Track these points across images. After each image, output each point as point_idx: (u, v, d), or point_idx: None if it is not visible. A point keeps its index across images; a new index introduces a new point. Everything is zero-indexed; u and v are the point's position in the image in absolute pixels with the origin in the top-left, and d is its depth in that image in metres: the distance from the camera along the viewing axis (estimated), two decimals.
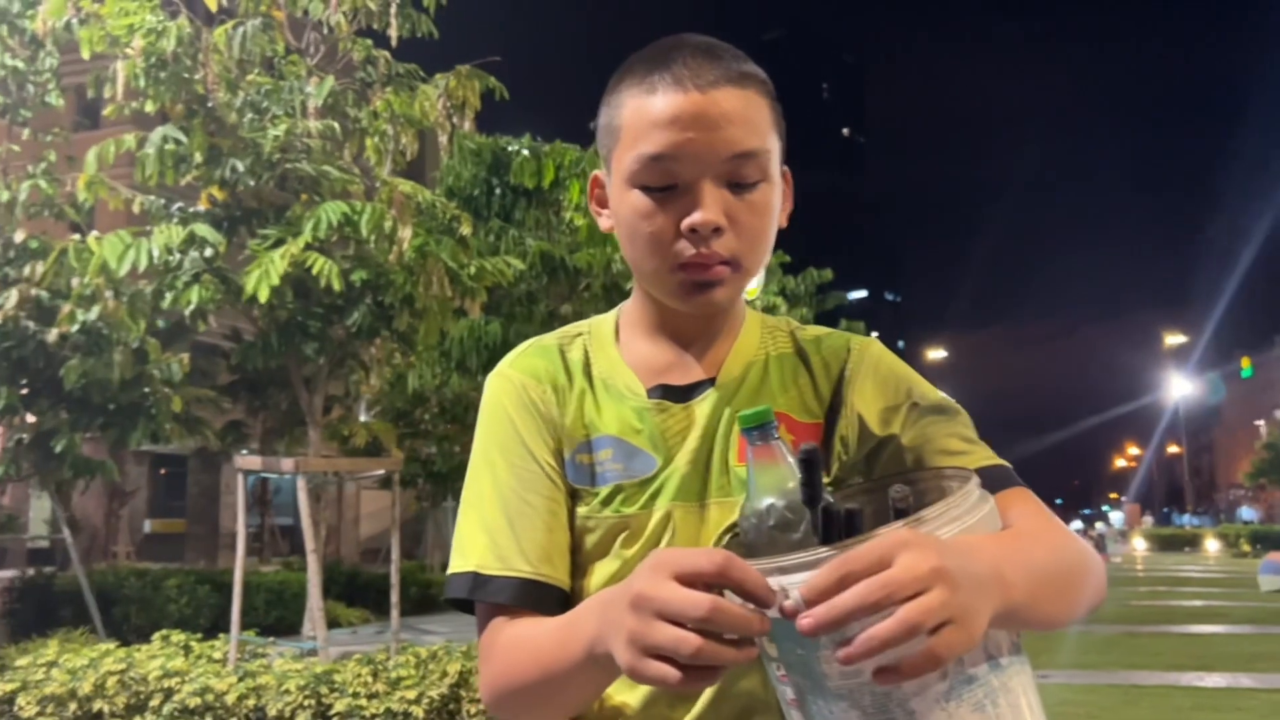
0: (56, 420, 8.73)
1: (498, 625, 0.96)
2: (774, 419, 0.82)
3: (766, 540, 0.80)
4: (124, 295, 7.50)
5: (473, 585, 0.96)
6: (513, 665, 0.92)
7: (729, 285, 0.98)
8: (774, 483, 0.81)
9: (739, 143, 0.94)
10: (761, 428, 0.82)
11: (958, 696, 0.73)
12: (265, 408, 14.12)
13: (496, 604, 0.96)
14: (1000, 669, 0.76)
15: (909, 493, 0.80)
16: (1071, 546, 0.89)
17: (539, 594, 0.96)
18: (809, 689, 0.75)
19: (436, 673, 5.32)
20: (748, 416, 0.82)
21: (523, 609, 0.96)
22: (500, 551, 0.97)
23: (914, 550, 0.68)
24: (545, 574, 0.96)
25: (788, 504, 0.80)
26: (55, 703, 5.49)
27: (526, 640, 0.92)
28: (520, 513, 0.98)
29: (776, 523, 0.80)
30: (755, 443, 0.82)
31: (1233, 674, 8.33)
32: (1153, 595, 18.09)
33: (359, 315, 7.24)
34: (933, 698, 0.72)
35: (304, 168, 6.92)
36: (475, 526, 0.99)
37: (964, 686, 0.73)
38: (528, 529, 0.98)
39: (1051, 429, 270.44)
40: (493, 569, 0.96)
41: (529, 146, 11.30)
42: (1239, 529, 47.46)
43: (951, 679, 0.73)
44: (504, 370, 1.07)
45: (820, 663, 0.72)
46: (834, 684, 0.73)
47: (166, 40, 6.38)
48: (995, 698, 0.74)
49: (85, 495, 20.33)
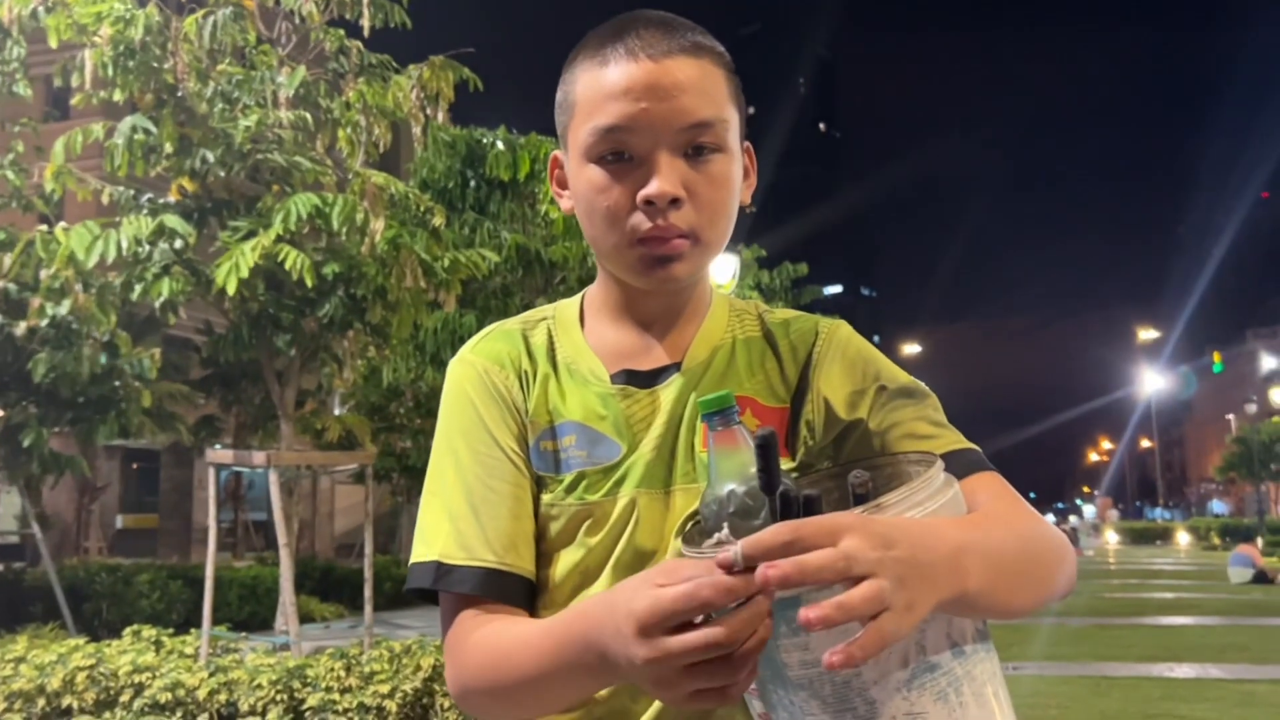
0: (25, 414, 8.62)
1: (466, 620, 0.93)
2: (735, 404, 0.81)
3: (727, 527, 0.78)
4: (93, 288, 7.41)
5: (436, 575, 0.94)
6: (487, 669, 0.90)
7: (689, 259, 0.95)
8: (735, 469, 0.79)
9: (694, 112, 0.92)
10: (722, 413, 0.80)
11: (919, 685, 0.71)
12: (238, 402, 14.05)
13: (461, 594, 0.94)
14: (964, 657, 0.74)
15: (869, 478, 0.78)
16: (1040, 531, 0.87)
17: (504, 584, 0.94)
18: (769, 679, 0.74)
19: (410, 667, 5.28)
20: (708, 402, 0.80)
21: (487, 599, 0.93)
22: (464, 540, 0.94)
23: (859, 535, 0.66)
24: (510, 563, 0.94)
25: (748, 490, 0.78)
26: (23, 699, 5.42)
27: (509, 642, 0.89)
28: (485, 500, 0.96)
29: (737, 509, 0.78)
30: (716, 428, 0.80)
31: (1202, 665, 8.42)
32: (1124, 588, 18.28)
33: (331, 307, 7.19)
34: (893, 686, 0.71)
35: (275, 158, 6.87)
36: (439, 514, 0.97)
37: (926, 674, 0.72)
38: (492, 517, 0.95)
39: (1025, 423, 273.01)
40: (457, 558, 0.94)
41: (504, 139, 11.27)
42: (1209, 522, 48.09)
43: (913, 667, 0.71)
44: (466, 355, 1.04)
45: (780, 651, 0.71)
46: (794, 673, 0.72)
47: (135, 28, 6.31)
48: (959, 686, 0.73)
49: (56, 490, 20.15)
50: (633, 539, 0.94)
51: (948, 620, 0.74)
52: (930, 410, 0.99)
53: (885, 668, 0.70)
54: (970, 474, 0.92)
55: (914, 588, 0.67)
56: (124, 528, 25.86)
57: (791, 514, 0.76)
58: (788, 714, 0.74)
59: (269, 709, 5.10)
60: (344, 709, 4.98)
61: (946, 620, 0.74)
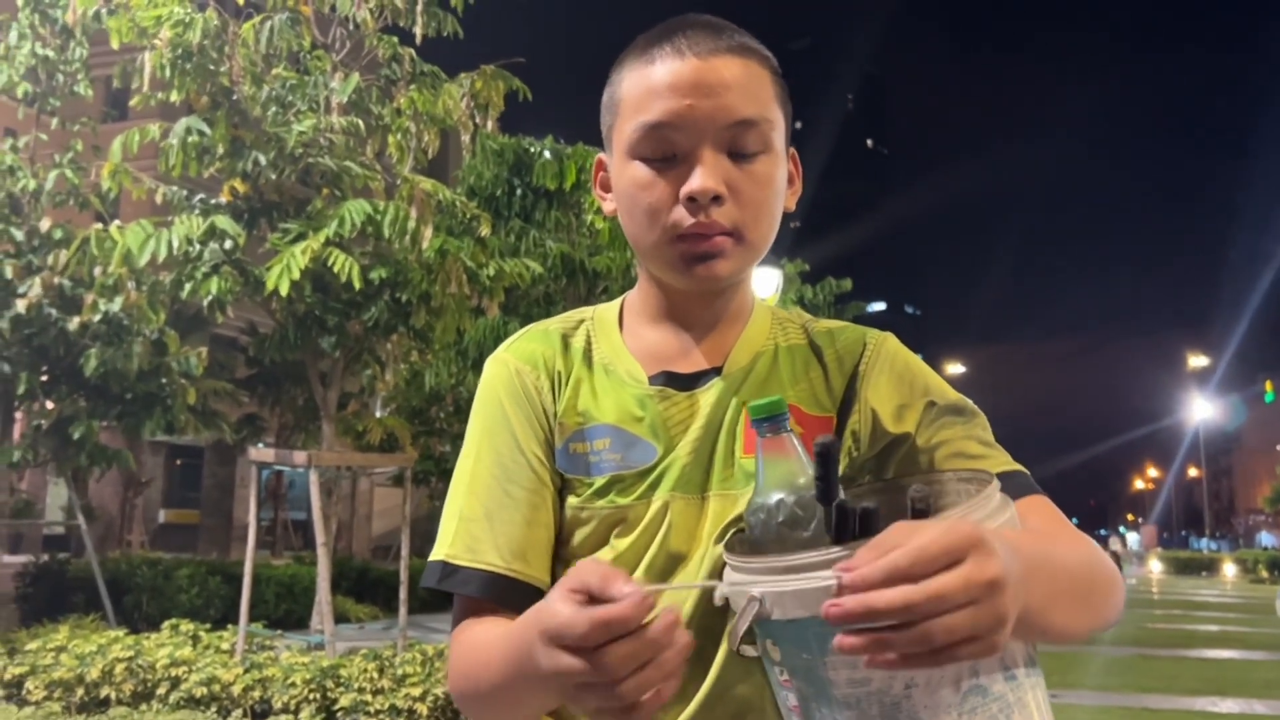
0: (75, 408, 8.78)
1: (464, 622, 0.94)
2: (786, 410, 0.79)
3: (774, 537, 0.77)
4: (144, 285, 7.54)
5: (441, 574, 0.94)
6: (469, 670, 0.90)
7: (731, 258, 0.94)
8: (784, 477, 0.78)
9: (738, 110, 0.92)
10: (773, 419, 0.78)
11: (970, 710, 0.69)
12: (281, 402, 14.21)
13: (467, 596, 0.93)
14: (1015, 682, 0.72)
15: (929, 493, 0.76)
16: (1096, 557, 0.85)
17: (509, 590, 0.92)
18: (813, 695, 0.72)
19: (442, 670, 5.30)
20: (759, 407, 0.79)
21: (490, 604, 0.92)
22: (472, 542, 0.94)
23: (982, 555, 0.62)
24: (516, 570, 0.93)
25: (798, 500, 0.76)
26: (63, 688, 5.51)
27: (483, 647, 0.88)
28: (500, 504, 0.95)
29: (786, 519, 0.76)
30: (765, 434, 0.79)
31: (1247, 700, 8.22)
32: (1168, 619, 17.91)
33: (376, 311, 7.26)
34: (943, 709, 0.68)
35: (326, 163, 6.95)
36: (452, 514, 0.97)
37: (977, 698, 0.69)
38: (504, 522, 0.94)
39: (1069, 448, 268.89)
40: (462, 559, 0.93)
41: (551, 148, 11.31)
42: (1257, 554, 46.97)
43: (964, 690, 0.69)
44: (501, 355, 1.04)
45: (826, 669, 0.69)
46: (840, 692, 0.69)
47: (193, 32, 6.43)
48: (1009, 712, 0.71)
49: (101, 484, 20.55)
50: (665, 543, 0.93)
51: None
52: (979, 430, 0.97)
53: (937, 690, 0.68)
54: (1020, 497, 0.89)
55: (1012, 606, 0.64)
56: (166, 522, 26.22)
57: (847, 527, 0.73)
58: None
59: (302, 707, 5.13)
60: (376, 710, 5.00)
61: None
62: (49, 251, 8.27)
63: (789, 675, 0.73)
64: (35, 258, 8.32)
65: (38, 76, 8.66)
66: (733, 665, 0.90)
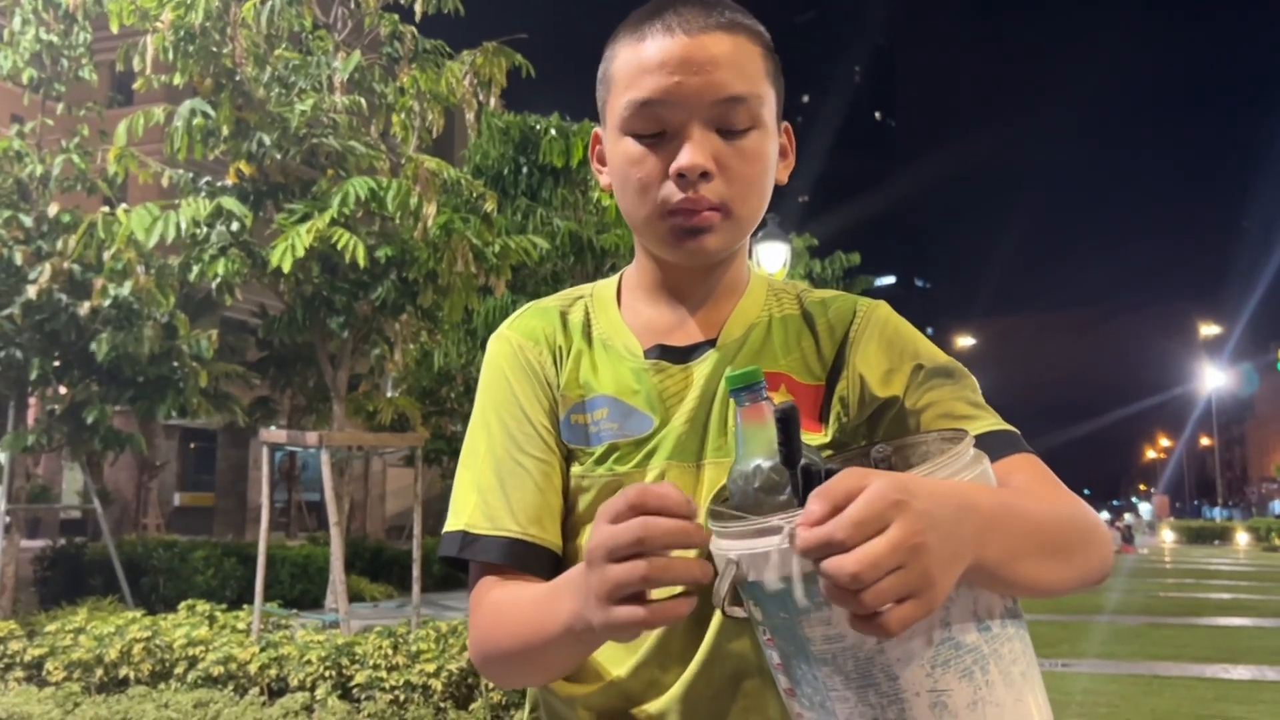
0: (87, 392, 8.83)
1: (486, 584, 0.97)
2: (762, 379, 0.80)
3: (753, 502, 0.78)
4: (153, 269, 7.55)
5: (462, 543, 0.97)
6: (495, 630, 0.93)
7: (720, 233, 0.96)
8: (762, 444, 0.79)
9: (727, 86, 0.93)
10: (750, 388, 0.79)
11: (944, 663, 0.70)
12: (292, 384, 14.25)
13: (486, 562, 0.97)
14: (990, 634, 0.73)
15: (891, 451, 0.78)
16: (1074, 512, 0.85)
17: (527, 554, 0.96)
18: (793, 653, 0.74)
19: (456, 647, 5.34)
20: (735, 377, 0.80)
21: (511, 568, 0.96)
22: (490, 511, 0.97)
23: (906, 517, 0.65)
24: (533, 534, 0.97)
25: (773, 465, 0.78)
26: (82, 668, 5.57)
27: (510, 607, 0.92)
28: (512, 473, 0.99)
29: (762, 484, 0.78)
30: (743, 403, 0.80)
31: (1259, 667, 8.23)
32: (1180, 587, 17.92)
33: (383, 291, 7.26)
34: (917, 662, 0.70)
35: (330, 143, 6.95)
36: (468, 486, 1.00)
37: (950, 651, 0.71)
38: (518, 489, 0.98)
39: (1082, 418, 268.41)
40: (481, 528, 0.97)
41: (557, 125, 11.28)
42: (1270, 523, 46.89)
43: (936, 643, 0.70)
44: (503, 332, 1.08)
45: (803, 627, 0.71)
46: (817, 649, 0.72)
47: (195, 14, 6.41)
48: (985, 664, 0.72)
49: (116, 468, 20.69)
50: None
51: (974, 596, 0.73)
52: (968, 391, 0.98)
53: (909, 643, 0.70)
54: (1007, 454, 0.91)
55: (939, 547, 0.66)
56: (181, 505, 26.44)
57: (813, 488, 0.74)
58: (811, 689, 0.74)
59: (318, 684, 5.19)
60: (391, 686, 5.05)
61: (973, 596, 0.73)
62: (58, 237, 8.29)
63: (770, 634, 0.75)
64: (44, 243, 8.34)
65: (42, 62, 8.65)
66: (729, 627, 0.93)
